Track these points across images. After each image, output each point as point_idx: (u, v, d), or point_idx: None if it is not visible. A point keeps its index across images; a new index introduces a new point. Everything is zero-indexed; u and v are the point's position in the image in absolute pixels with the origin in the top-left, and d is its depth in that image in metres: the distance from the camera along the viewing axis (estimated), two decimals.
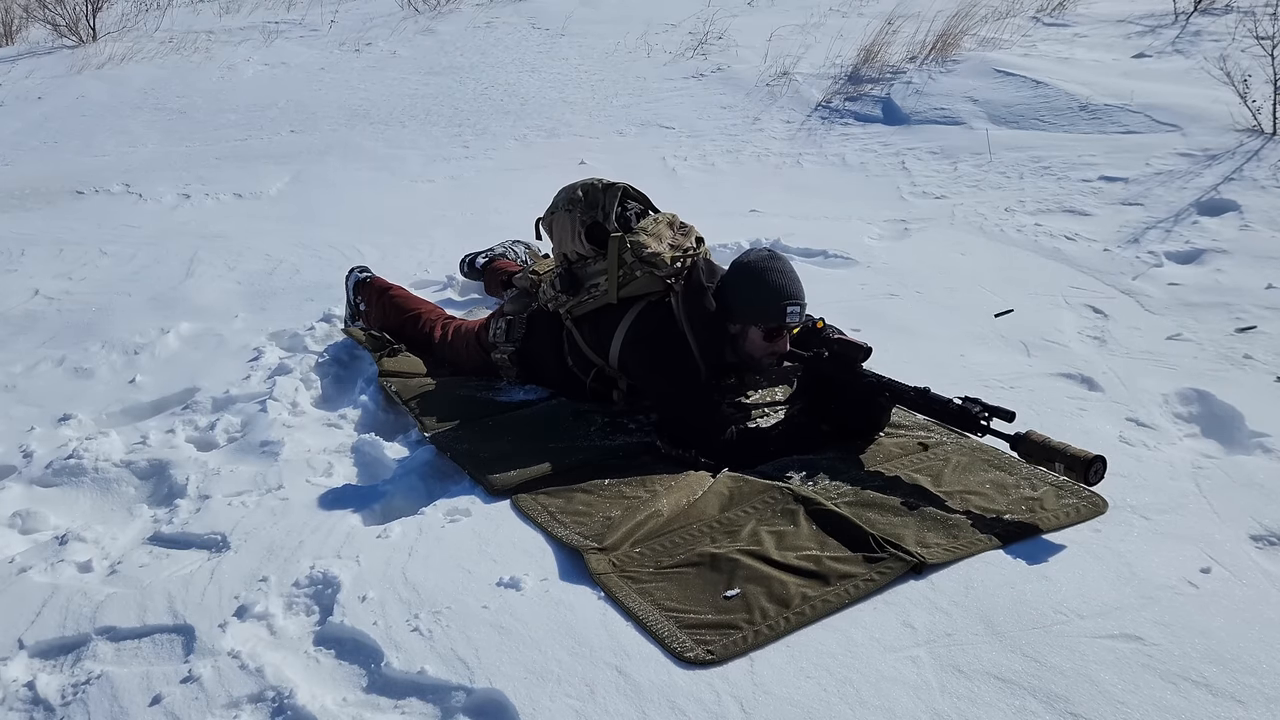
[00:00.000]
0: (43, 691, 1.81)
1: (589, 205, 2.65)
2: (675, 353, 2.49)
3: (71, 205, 5.06)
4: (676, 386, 2.48)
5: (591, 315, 2.64)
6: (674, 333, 2.50)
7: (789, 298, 2.42)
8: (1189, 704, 1.59)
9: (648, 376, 2.54)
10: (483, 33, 8.21)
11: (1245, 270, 3.34)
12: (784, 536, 2.05)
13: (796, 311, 2.43)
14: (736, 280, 2.48)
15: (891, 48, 6.14)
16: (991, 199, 4.23)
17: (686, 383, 2.48)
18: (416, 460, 2.48)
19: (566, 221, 2.68)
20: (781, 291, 2.42)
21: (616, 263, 2.55)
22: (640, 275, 2.53)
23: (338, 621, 1.90)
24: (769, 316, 2.43)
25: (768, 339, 2.46)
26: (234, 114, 6.65)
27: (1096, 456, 2.06)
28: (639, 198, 2.73)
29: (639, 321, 2.54)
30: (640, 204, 2.73)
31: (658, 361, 2.50)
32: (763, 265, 2.47)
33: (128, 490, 2.50)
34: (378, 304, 3.19)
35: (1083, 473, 2.06)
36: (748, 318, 2.45)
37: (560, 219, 2.70)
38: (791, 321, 2.43)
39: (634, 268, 2.54)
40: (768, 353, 2.49)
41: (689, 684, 1.68)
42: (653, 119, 5.85)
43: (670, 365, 2.49)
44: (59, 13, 9.11)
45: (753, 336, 2.46)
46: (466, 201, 4.61)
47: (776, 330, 2.45)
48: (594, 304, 2.63)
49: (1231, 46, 5.45)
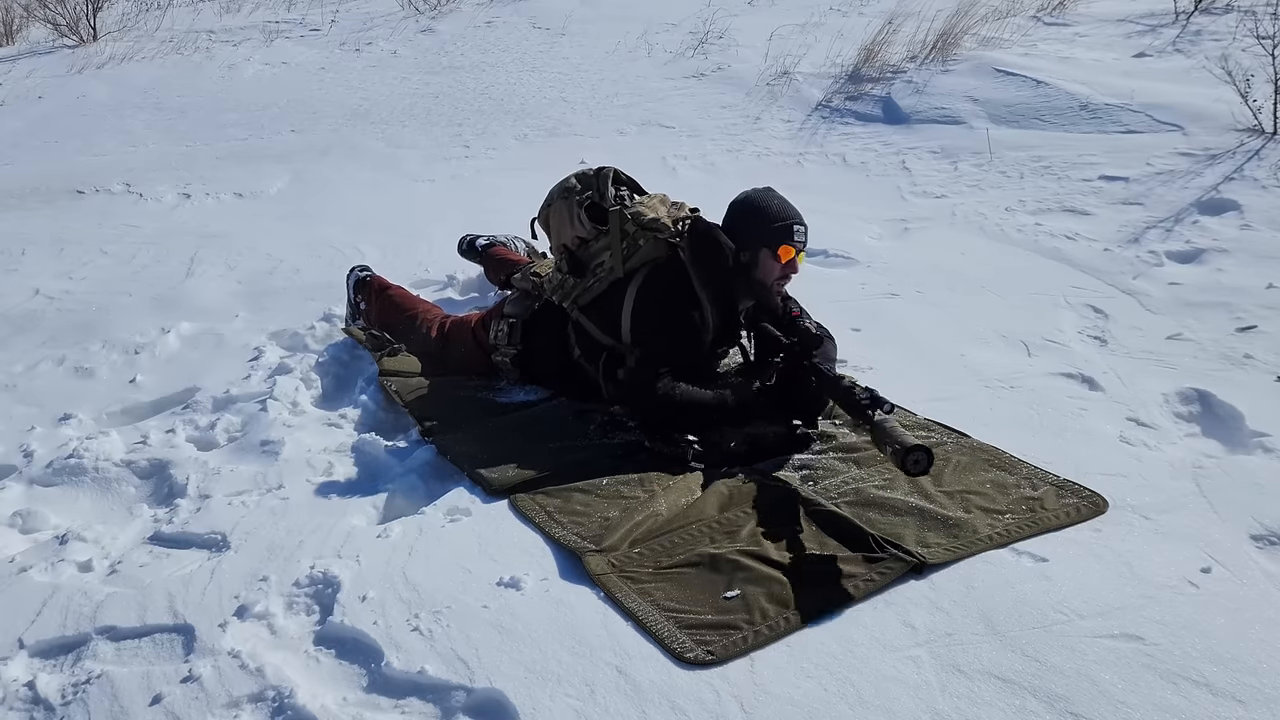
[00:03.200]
0: (43, 691, 1.81)
1: (584, 189, 2.75)
2: (682, 310, 2.54)
3: (72, 205, 5.06)
4: (668, 335, 2.52)
5: (598, 300, 2.66)
6: (683, 289, 2.55)
7: (794, 218, 2.54)
8: (1189, 704, 1.59)
9: (649, 336, 2.57)
10: (483, 32, 8.21)
11: (1246, 270, 3.34)
12: (784, 536, 2.05)
13: (803, 231, 2.54)
14: (740, 212, 2.59)
15: (892, 47, 6.14)
16: (992, 198, 4.23)
17: (679, 334, 2.52)
18: (416, 460, 2.48)
19: (563, 209, 2.76)
20: (785, 212, 2.54)
21: (620, 234, 2.62)
22: (644, 243, 2.59)
23: (338, 621, 1.90)
24: (778, 235, 2.51)
25: (780, 261, 2.52)
26: (234, 113, 6.64)
27: (916, 446, 1.99)
28: (628, 182, 2.81)
29: (647, 284, 2.59)
30: (629, 188, 2.79)
31: (663, 309, 2.55)
32: (764, 194, 2.60)
33: (128, 490, 2.50)
34: (377, 302, 3.19)
35: (900, 460, 2.01)
36: (757, 241, 2.52)
37: (557, 208, 2.78)
38: (799, 240, 2.52)
39: (637, 237, 2.60)
40: (779, 276, 2.55)
41: (689, 684, 1.68)
42: (653, 118, 5.85)
43: (671, 312, 2.54)
44: (59, 12, 9.10)
45: (764, 260, 2.53)
46: (467, 201, 4.60)
47: (788, 251, 2.51)
48: (599, 286, 2.66)
49: (1232, 46, 5.44)
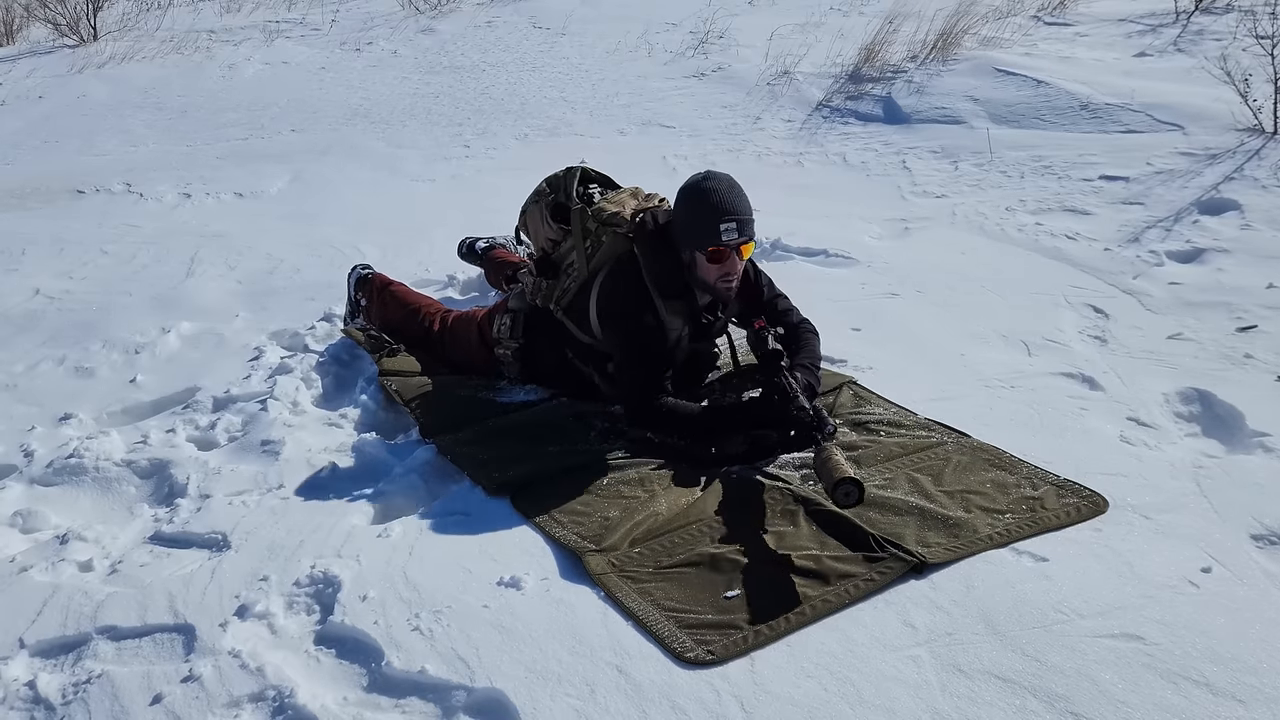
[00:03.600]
0: (43, 691, 1.81)
1: (552, 190, 2.76)
2: (633, 304, 2.48)
3: (72, 204, 5.06)
4: (627, 341, 2.50)
5: (574, 300, 2.66)
6: (635, 289, 2.49)
7: (724, 215, 2.37)
8: (1189, 703, 1.59)
9: (610, 338, 2.56)
10: (483, 32, 8.21)
11: (1246, 269, 3.34)
12: (784, 536, 2.05)
13: (734, 228, 2.37)
14: (676, 209, 2.49)
15: (892, 47, 6.13)
16: (992, 198, 4.23)
17: (635, 336, 2.48)
18: (417, 460, 2.48)
19: (536, 213, 2.79)
20: (715, 210, 2.38)
21: (581, 233, 2.61)
22: (606, 240, 2.57)
23: (338, 621, 1.90)
24: (706, 237, 2.39)
25: (713, 262, 2.41)
26: (235, 113, 6.64)
27: (845, 479, 1.98)
28: (599, 179, 2.80)
29: (603, 286, 2.57)
30: (600, 184, 2.78)
31: (617, 315, 2.51)
32: (697, 188, 2.44)
33: (128, 489, 2.50)
34: (378, 299, 3.20)
35: (830, 492, 2.01)
36: (688, 243, 2.44)
37: (531, 213, 2.81)
38: (729, 240, 2.37)
39: (600, 234, 2.59)
40: (720, 277, 2.44)
41: (690, 683, 1.68)
42: (653, 118, 5.85)
43: (625, 318, 2.49)
44: (60, 12, 9.10)
45: (700, 263, 2.43)
46: (467, 201, 4.60)
47: (719, 252, 2.40)
48: (574, 286, 2.65)
49: (1232, 46, 5.44)
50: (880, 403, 2.59)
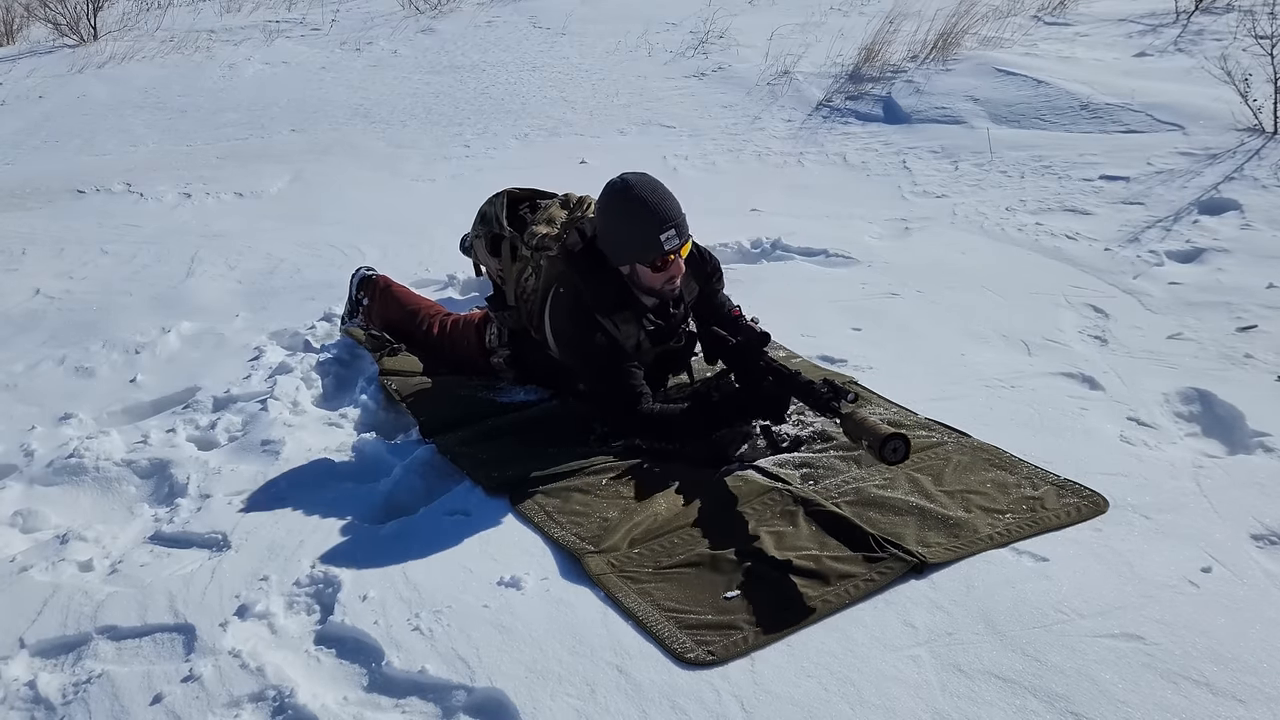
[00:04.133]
0: (44, 690, 1.81)
1: (485, 223, 2.75)
2: (580, 328, 2.44)
3: (72, 204, 5.06)
4: (587, 364, 2.46)
5: (540, 324, 2.63)
6: (577, 312, 2.44)
7: (660, 224, 2.32)
8: (1190, 703, 1.59)
9: (570, 360, 2.54)
10: (483, 32, 8.21)
11: (1246, 269, 3.34)
12: (784, 537, 2.05)
13: (672, 234, 2.32)
14: (604, 223, 2.41)
15: (892, 47, 6.13)
16: (992, 198, 4.23)
17: (593, 358, 2.43)
18: (417, 460, 2.47)
19: (480, 247, 2.79)
20: (649, 221, 2.32)
21: (511, 260, 2.62)
22: (543, 263, 2.55)
23: (338, 621, 1.90)
24: (649, 251, 2.34)
25: (657, 270, 2.39)
26: (235, 113, 6.65)
27: (893, 434, 1.98)
28: (527, 196, 2.75)
29: (551, 311, 2.54)
30: (531, 201, 2.73)
31: (570, 341, 2.49)
32: (623, 199, 2.35)
33: (128, 489, 2.50)
34: (380, 299, 3.20)
35: (878, 449, 1.99)
36: (626, 257, 2.39)
37: (478, 248, 2.82)
38: (670, 246, 2.32)
39: (535, 259, 2.57)
40: (666, 281, 2.41)
41: (690, 683, 1.68)
42: (653, 118, 5.85)
43: (577, 342, 2.46)
44: (60, 12, 9.10)
45: (642, 273, 2.40)
46: (467, 201, 4.56)
47: (663, 261, 2.37)
48: (535, 308, 2.62)
49: (1232, 46, 5.44)
50: (880, 403, 2.59)
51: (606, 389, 2.45)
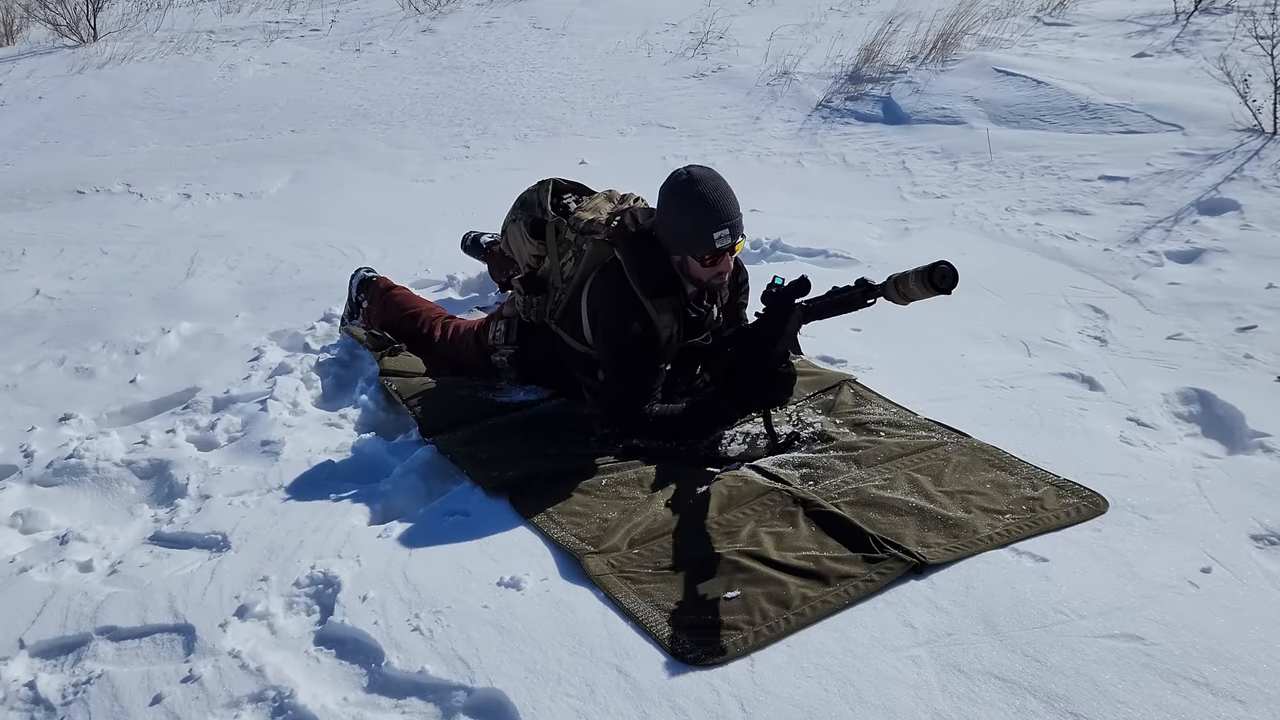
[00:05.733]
0: (43, 691, 1.81)
1: (526, 208, 2.76)
2: (620, 306, 2.48)
3: (72, 205, 5.06)
4: (612, 346, 2.49)
5: (567, 310, 2.65)
6: (621, 295, 2.49)
7: (717, 222, 2.37)
8: (1189, 704, 1.59)
9: (601, 347, 2.55)
10: (483, 32, 8.21)
11: (1246, 270, 3.34)
12: (783, 537, 2.05)
13: (726, 234, 2.37)
14: (663, 213, 2.46)
15: (892, 47, 6.14)
16: (992, 198, 4.23)
17: (621, 343, 2.47)
18: (417, 460, 2.48)
19: (515, 232, 2.79)
20: (707, 220, 2.37)
21: (556, 244, 2.64)
22: (588, 248, 2.57)
23: (338, 621, 1.90)
24: (700, 246, 2.40)
25: (707, 265, 2.44)
26: (235, 114, 6.65)
27: (936, 263, 2.04)
28: (572, 187, 2.80)
29: (591, 294, 2.57)
30: (575, 193, 2.79)
31: (606, 321, 2.51)
32: (685, 191, 2.40)
33: (128, 490, 2.50)
34: (380, 301, 3.20)
35: (926, 279, 2.03)
36: (681, 250, 2.44)
37: (511, 233, 2.82)
38: (723, 245, 2.38)
39: (580, 244, 2.59)
40: (714, 275, 2.47)
41: (690, 684, 1.68)
42: (653, 118, 5.85)
43: (613, 322, 2.49)
44: (60, 12, 9.11)
45: (692, 265, 2.45)
46: (467, 201, 4.61)
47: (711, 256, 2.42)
48: (565, 298, 2.65)
49: (1232, 46, 5.45)
50: (880, 403, 2.59)
51: (620, 380, 2.48)
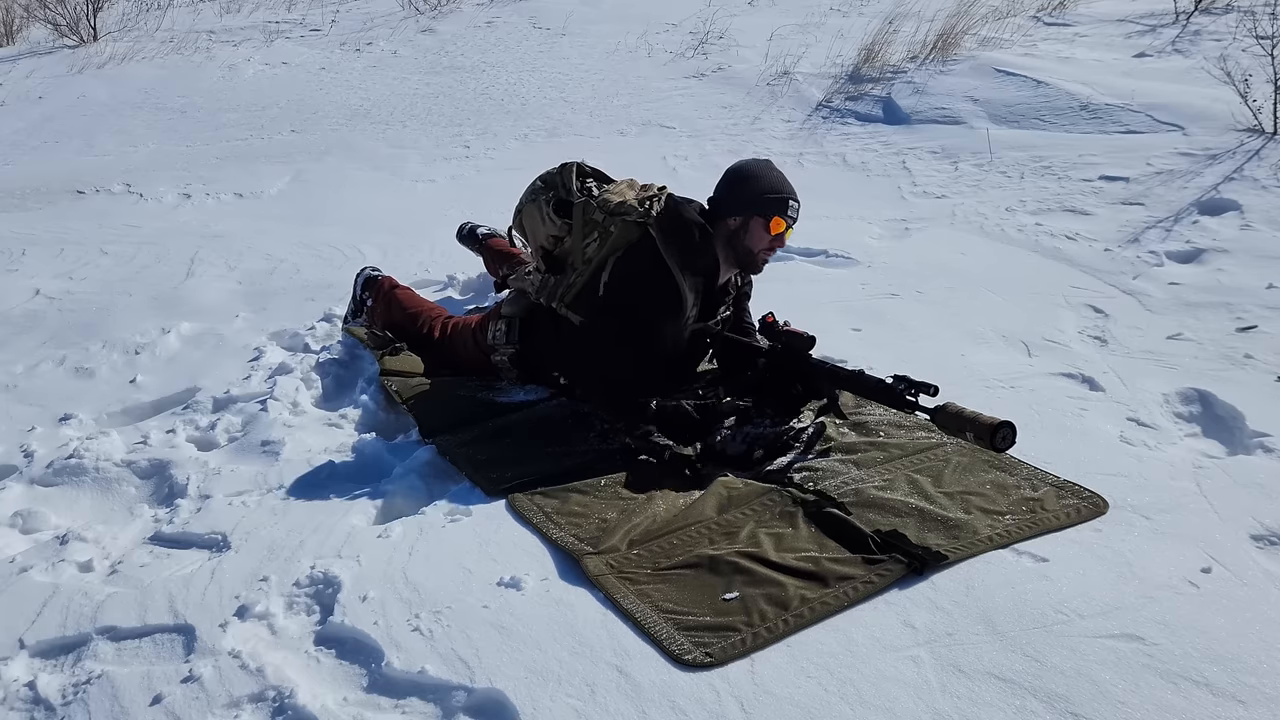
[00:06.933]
0: (43, 691, 1.81)
1: (549, 187, 2.78)
2: (651, 274, 2.53)
3: (72, 205, 5.06)
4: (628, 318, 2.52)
5: (581, 293, 2.66)
6: (657, 266, 2.54)
7: (790, 193, 2.57)
8: (1189, 704, 1.59)
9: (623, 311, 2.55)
10: (483, 32, 8.21)
11: (1246, 270, 3.34)
12: (782, 538, 2.05)
13: (795, 207, 2.57)
14: (736, 179, 2.61)
15: (892, 47, 6.14)
16: (992, 198, 4.23)
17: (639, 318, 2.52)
18: (417, 460, 2.47)
19: (534, 211, 2.79)
20: (781, 186, 2.57)
21: (582, 224, 2.65)
22: (615, 230, 2.60)
23: (338, 621, 1.90)
24: (772, 206, 2.53)
25: (770, 233, 2.55)
26: (235, 114, 6.65)
27: (1003, 423, 2.03)
28: (594, 173, 2.83)
29: (619, 264, 2.58)
30: (596, 178, 2.81)
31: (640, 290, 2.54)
32: (763, 165, 2.63)
33: (128, 490, 2.50)
34: (384, 301, 3.21)
35: (988, 439, 2.02)
36: (751, 208, 2.54)
37: (529, 211, 2.82)
38: (791, 215, 2.55)
39: (607, 224, 2.61)
40: (766, 246, 2.57)
41: (690, 684, 1.68)
42: (653, 118, 5.85)
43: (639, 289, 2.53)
44: (59, 13, 9.11)
45: (754, 228, 2.55)
46: (467, 201, 4.60)
47: (777, 223, 2.54)
48: (581, 279, 2.65)
49: (1232, 46, 5.45)
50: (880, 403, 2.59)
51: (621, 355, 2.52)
